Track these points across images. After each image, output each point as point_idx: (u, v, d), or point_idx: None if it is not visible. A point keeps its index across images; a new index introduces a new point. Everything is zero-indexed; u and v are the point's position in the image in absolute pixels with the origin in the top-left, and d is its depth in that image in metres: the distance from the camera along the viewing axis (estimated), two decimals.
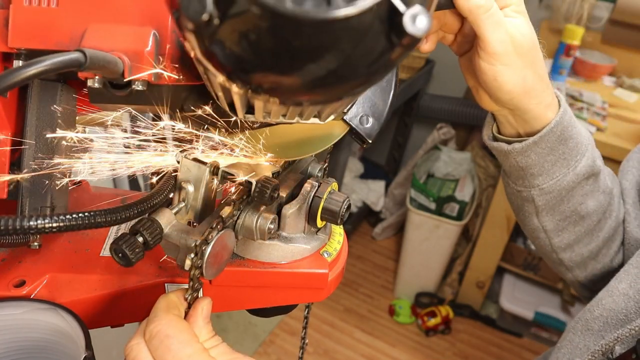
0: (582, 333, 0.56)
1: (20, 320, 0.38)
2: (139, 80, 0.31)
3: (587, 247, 0.62)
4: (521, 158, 0.54)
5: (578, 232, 0.60)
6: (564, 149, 0.54)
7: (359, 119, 0.39)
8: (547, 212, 0.59)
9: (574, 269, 0.65)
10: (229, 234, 0.36)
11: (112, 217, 0.33)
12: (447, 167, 2.05)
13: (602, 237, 0.61)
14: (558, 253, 0.63)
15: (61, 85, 0.38)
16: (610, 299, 0.54)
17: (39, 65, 0.26)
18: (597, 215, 0.59)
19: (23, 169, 0.37)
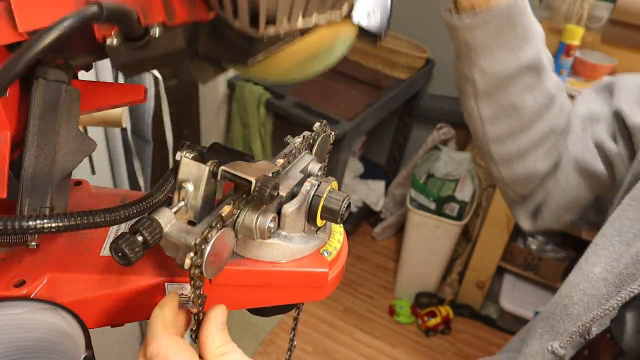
0: (562, 318, 0.57)
1: (20, 320, 0.38)
2: (155, 25, 0.32)
3: (516, 143, 0.64)
4: (469, 34, 0.56)
5: (510, 126, 0.62)
6: (512, 34, 0.56)
7: (366, 16, 0.39)
8: (486, 97, 0.61)
9: (500, 165, 0.67)
10: (229, 233, 0.36)
11: (112, 216, 0.33)
12: (447, 167, 2.05)
13: (532, 138, 0.63)
14: (489, 144, 0.65)
15: (65, 86, 0.38)
16: (589, 284, 0.55)
17: (62, 25, 0.26)
18: (532, 113, 0.62)
19: (23, 169, 0.37)
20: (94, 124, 0.70)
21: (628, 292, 0.48)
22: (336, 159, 1.73)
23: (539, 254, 1.83)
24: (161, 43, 0.33)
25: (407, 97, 2.10)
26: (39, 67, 0.37)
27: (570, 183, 0.66)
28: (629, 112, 0.61)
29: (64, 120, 0.38)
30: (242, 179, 0.36)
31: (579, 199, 0.68)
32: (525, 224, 0.74)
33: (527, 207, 0.73)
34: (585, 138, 0.65)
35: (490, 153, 0.67)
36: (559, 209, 0.69)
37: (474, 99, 0.62)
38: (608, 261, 0.55)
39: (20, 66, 0.26)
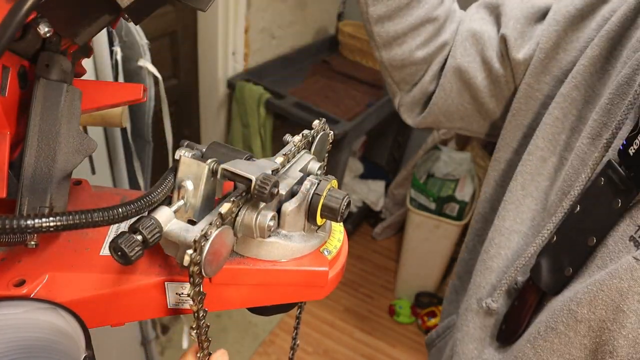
0: (482, 272, 0.60)
1: (20, 319, 0.38)
2: None
3: (395, 26, 0.67)
4: None
5: (390, 7, 0.65)
6: None
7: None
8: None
9: (381, 48, 0.71)
10: (228, 231, 0.36)
11: (110, 215, 0.33)
12: (447, 167, 2.05)
13: (409, 22, 0.67)
14: (371, 24, 0.68)
15: (67, 86, 0.38)
16: (503, 237, 0.59)
17: None
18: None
19: (23, 168, 0.37)
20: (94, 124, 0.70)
21: (541, 238, 0.54)
22: (336, 159, 1.73)
23: None
24: None
25: None
26: (43, 54, 0.37)
27: (452, 89, 0.70)
28: (513, 45, 0.64)
29: (64, 120, 0.38)
30: (241, 177, 0.36)
31: (457, 107, 0.72)
32: (406, 116, 0.79)
33: (407, 101, 0.78)
34: (472, 51, 0.68)
35: (372, 33, 0.69)
36: (439, 114, 0.73)
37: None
38: (516, 214, 0.59)
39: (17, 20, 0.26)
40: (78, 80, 0.42)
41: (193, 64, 1.83)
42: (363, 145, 2.55)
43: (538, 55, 0.62)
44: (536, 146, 0.59)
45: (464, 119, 0.74)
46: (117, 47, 1.00)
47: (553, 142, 0.58)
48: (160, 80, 1.10)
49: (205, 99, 1.93)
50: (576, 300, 0.45)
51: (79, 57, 0.43)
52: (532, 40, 0.63)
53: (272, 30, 1.97)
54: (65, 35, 0.38)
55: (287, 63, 2.07)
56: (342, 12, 2.39)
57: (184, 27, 1.71)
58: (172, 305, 0.43)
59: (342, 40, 2.17)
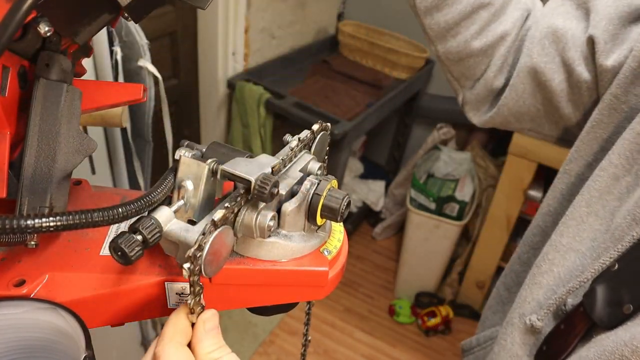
0: (530, 287, 0.57)
1: (20, 319, 0.38)
2: None
3: (445, 17, 0.64)
4: None
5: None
6: None
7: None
8: None
9: (435, 40, 0.67)
10: (228, 231, 0.36)
11: (110, 215, 0.33)
12: (447, 167, 2.05)
13: (459, 10, 0.63)
14: (421, 16, 0.66)
15: (66, 86, 0.38)
16: (558, 254, 0.55)
17: None
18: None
19: (24, 168, 0.37)
20: (94, 124, 0.70)
21: (600, 264, 0.49)
22: (336, 159, 1.73)
23: None
24: None
25: (407, 97, 2.10)
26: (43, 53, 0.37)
27: (526, 92, 0.65)
28: (602, 49, 0.57)
29: (64, 120, 0.38)
30: (241, 177, 0.36)
31: (529, 108, 0.67)
32: (471, 115, 0.76)
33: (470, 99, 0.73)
34: (551, 50, 0.62)
35: (424, 26, 0.66)
36: (509, 115, 0.68)
37: None
38: (576, 232, 0.54)
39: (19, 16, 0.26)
40: (78, 80, 0.42)
41: (193, 64, 1.83)
42: (363, 145, 2.55)
43: (630, 64, 0.54)
44: (610, 162, 0.53)
45: (534, 121, 0.68)
46: (117, 47, 1.00)
47: (630, 160, 0.52)
48: (160, 80, 1.10)
49: (205, 99, 1.93)
50: (632, 346, 0.41)
51: (79, 56, 0.43)
52: (625, 45, 0.56)
53: (272, 30, 1.97)
54: (65, 35, 0.38)
55: (287, 63, 2.07)
56: (342, 12, 2.39)
57: (184, 27, 1.71)
58: (172, 305, 0.43)
59: (342, 40, 2.17)
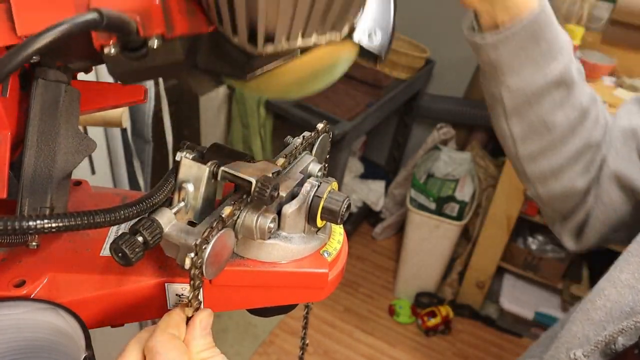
0: (582, 323, 0.55)
1: (20, 320, 0.38)
2: (154, 36, 0.31)
3: (549, 161, 0.62)
4: (492, 53, 0.55)
5: (542, 144, 0.60)
6: (536, 49, 0.54)
7: (367, 36, 0.39)
8: (515, 116, 0.59)
9: (536, 183, 0.65)
10: (229, 234, 0.36)
11: (112, 216, 0.33)
12: (447, 167, 2.05)
13: (565, 155, 0.61)
14: (522, 163, 0.63)
15: (65, 86, 0.38)
16: (614, 289, 0.53)
17: (59, 29, 0.26)
18: (563, 130, 0.59)
19: (23, 169, 0.37)
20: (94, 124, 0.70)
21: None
22: (336, 159, 1.73)
23: (539, 254, 1.83)
24: (159, 54, 0.33)
25: (407, 97, 2.10)
26: (39, 68, 0.37)
27: (613, 200, 0.62)
28: None
29: (63, 120, 0.38)
30: (242, 179, 0.36)
31: (624, 217, 0.63)
32: (568, 243, 0.71)
33: (569, 226, 0.69)
34: (627, 152, 0.61)
35: (524, 172, 0.64)
36: (603, 228, 0.64)
37: (504, 118, 0.60)
38: (636, 268, 0.53)
39: (11, 66, 0.26)
40: (79, 81, 0.42)
41: None
42: (363, 145, 2.55)
43: None
44: None
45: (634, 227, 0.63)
46: None
47: None
48: (160, 80, 1.10)
49: (205, 99, 1.93)
50: None
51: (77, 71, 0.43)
52: None
53: None
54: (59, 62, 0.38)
55: None
56: None
57: None
58: (172, 306, 0.43)
59: None
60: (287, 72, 0.39)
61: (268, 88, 0.41)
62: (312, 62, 0.39)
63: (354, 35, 0.38)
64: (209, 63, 0.37)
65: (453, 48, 2.09)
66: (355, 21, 0.37)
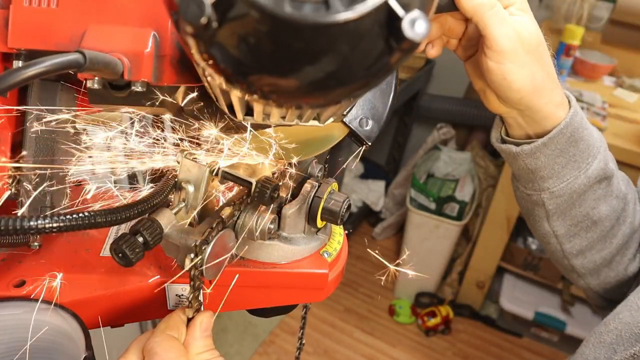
0: (594, 346, 0.54)
1: (20, 320, 0.38)
2: (139, 81, 0.31)
3: (600, 253, 0.60)
4: (530, 160, 0.53)
5: (590, 238, 0.59)
6: (575, 151, 0.53)
7: (358, 122, 0.39)
8: (558, 216, 0.58)
9: (587, 276, 0.63)
10: (229, 234, 0.36)
11: (112, 217, 0.33)
12: (447, 167, 2.05)
13: (616, 244, 0.60)
14: (570, 259, 0.61)
15: (61, 86, 0.38)
16: (629, 313, 0.53)
17: (38, 66, 0.26)
18: (610, 220, 0.58)
19: (23, 169, 0.37)
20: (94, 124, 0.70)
21: None
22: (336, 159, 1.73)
23: (539, 254, 1.83)
24: (144, 96, 0.32)
25: (407, 97, 2.10)
26: None
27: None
28: None
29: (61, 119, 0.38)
30: (242, 180, 0.36)
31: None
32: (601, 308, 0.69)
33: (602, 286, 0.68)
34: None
35: (572, 267, 0.62)
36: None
37: (547, 220, 0.59)
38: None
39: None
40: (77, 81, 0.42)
41: None
42: None
43: None
44: None
45: None
46: None
47: None
48: None
49: None
50: None
51: None
52: None
53: None
54: None
55: None
56: None
57: None
58: (172, 307, 0.43)
59: None
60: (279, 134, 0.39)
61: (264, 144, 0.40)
62: (298, 133, 0.39)
63: (346, 118, 0.38)
64: (194, 110, 0.37)
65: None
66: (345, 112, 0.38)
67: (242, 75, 0.21)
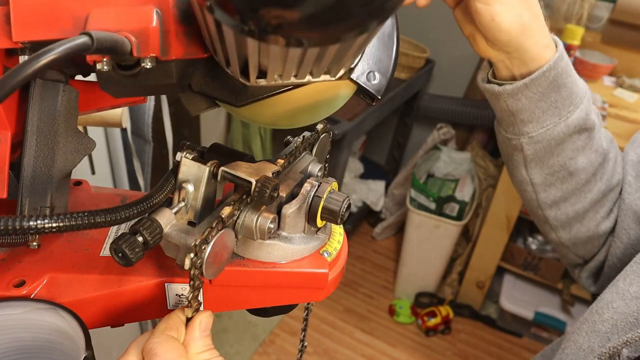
0: (587, 334, 0.54)
1: (20, 320, 0.38)
2: (148, 58, 0.31)
3: (574, 206, 0.61)
4: (512, 101, 0.54)
5: (565, 190, 0.59)
6: (556, 97, 0.54)
7: (365, 76, 0.39)
8: (536, 163, 0.58)
9: (558, 229, 0.64)
10: (229, 234, 0.36)
11: (112, 217, 0.33)
12: (447, 167, 2.05)
13: (590, 199, 0.60)
14: (543, 209, 0.62)
15: (63, 86, 0.38)
16: (622, 302, 0.52)
17: (50, 54, 0.26)
18: (586, 174, 0.59)
19: (23, 169, 0.37)
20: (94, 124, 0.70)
21: None
22: (336, 159, 1.73)
23: (539, 254, 1.83)
24: (153, 75, 0.32)
25: (407, 97, 2.10)
26: None
27: (630, 237, 0.61)
28: None
29: (62, 119, 0.38)
30: (242, 179, 0.36)
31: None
32: (588, 285, 0.69)
33: (589, 267, 0.68)
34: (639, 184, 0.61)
35: (546, 218, 0.63)
36: (622, 265, 0.61)
37: (524, 167, 0.59)
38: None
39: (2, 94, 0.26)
40: (78, 81, 0.42)
41: None
42: (363, 145, 2.55)
43: None
44: None
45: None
46: None
47: None
48: None
49: None
50: None
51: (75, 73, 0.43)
52: None
53: None
54: None
55: None
56: None
57: None
58: (172, 306, 0.43)
59: None
60: (281, 102, 0.39)
61: (260, 115, 0.40)
62: (307, 95, 0.39)
63: (353, 74, 0.38)
64: (203, 86, 0.37)
65: (453, 48, 2.09)
66: (353, 65, 0.38)
67: (253, 11, 0.22)
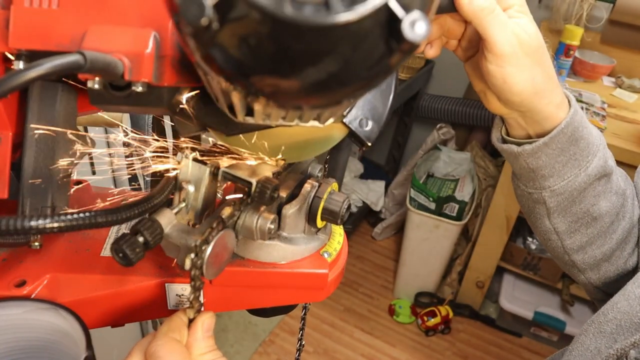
0: (594, 335, 0.55)
1: (20, 320, 0.38)
2: (139, 82, 0.31)
3: (600, 249, 0.61)
4: (531, 160, 0.54)
5: (591, 234, 0.59)
6: (575, 150, 0.53)
7: (358, 122, 0.39)
8: (559, 213, 0.58)
9: (587, 271, 0.64)
10: (229, 234, 0.36)
11: (113, 217, 0.33)
12: (447, 167, 2.05)
13: (616, 239, 0.60)
14: (570, 255, 0.62)
15: (61, 86, 0.38)
16: (626, 302, 0.53)
17: (39, 68, 0.26)
18: (610, 216, 0.59)
19: (23, 169, 0.37)
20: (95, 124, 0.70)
21: None
22: (336, 159, 1.73)
23: (538, 253, 1.83)
24: (143, 98, 0.32)
25: (407, 97, 2.10)
26: None
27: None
28: None
29: (61, 119, 0.38)
30: (242, 180, 0.36)
31: None
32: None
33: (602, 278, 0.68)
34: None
35: (573, 262, 0.63)
36: None
37: (547, 218, 0.60)
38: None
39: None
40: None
41: None
42: None
43: None
44: None
45: None
46: None
47: None
48: None
49: None
50: None
51: None
52: None
53: None
54: None
55: None
56: None
57: None
58: (172, 306, 0.43)
59: None
60: (271, 136, 0.39)
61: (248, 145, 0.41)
62: (298, 133, 0.39)
63: (346, 118, 0.38)
64: (194, 110, 0.37)
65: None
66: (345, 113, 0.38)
67: (243, 76, 0.21)
